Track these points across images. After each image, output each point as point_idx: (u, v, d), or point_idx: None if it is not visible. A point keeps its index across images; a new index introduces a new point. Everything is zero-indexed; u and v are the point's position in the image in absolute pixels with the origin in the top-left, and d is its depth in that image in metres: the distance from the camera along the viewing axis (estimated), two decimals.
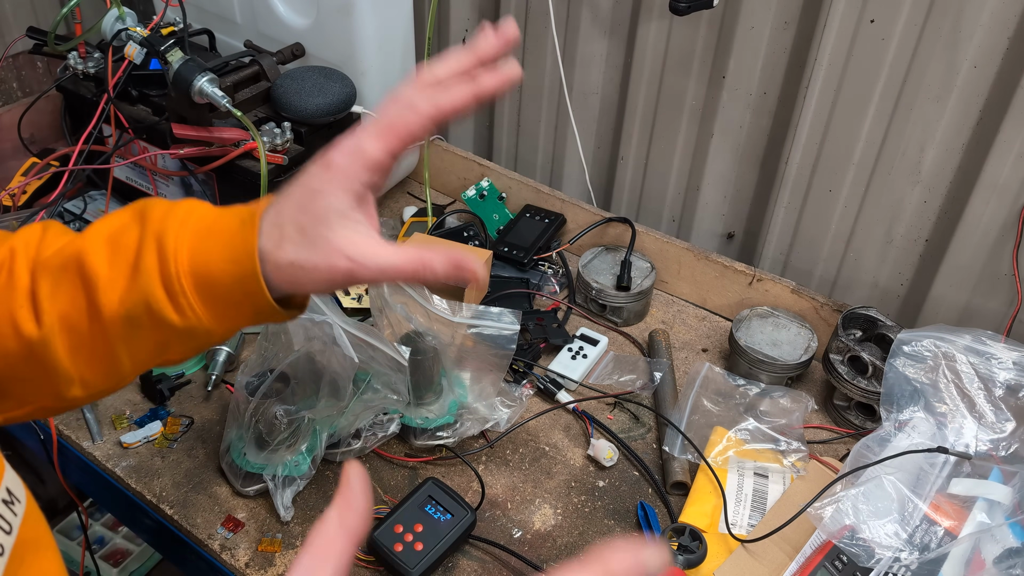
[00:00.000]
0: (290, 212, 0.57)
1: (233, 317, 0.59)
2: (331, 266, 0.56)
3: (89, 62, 1.20)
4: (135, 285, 0.56)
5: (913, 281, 1.13)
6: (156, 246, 0.56)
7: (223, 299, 0.57)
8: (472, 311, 0.95)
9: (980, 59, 0.95)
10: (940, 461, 0.88)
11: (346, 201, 0.57)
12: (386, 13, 1.20)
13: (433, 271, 0.57)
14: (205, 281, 0.56)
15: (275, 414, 0.87)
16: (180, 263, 0.56)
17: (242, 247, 0.56)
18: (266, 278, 0.56)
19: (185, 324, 0.57)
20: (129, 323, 0.57)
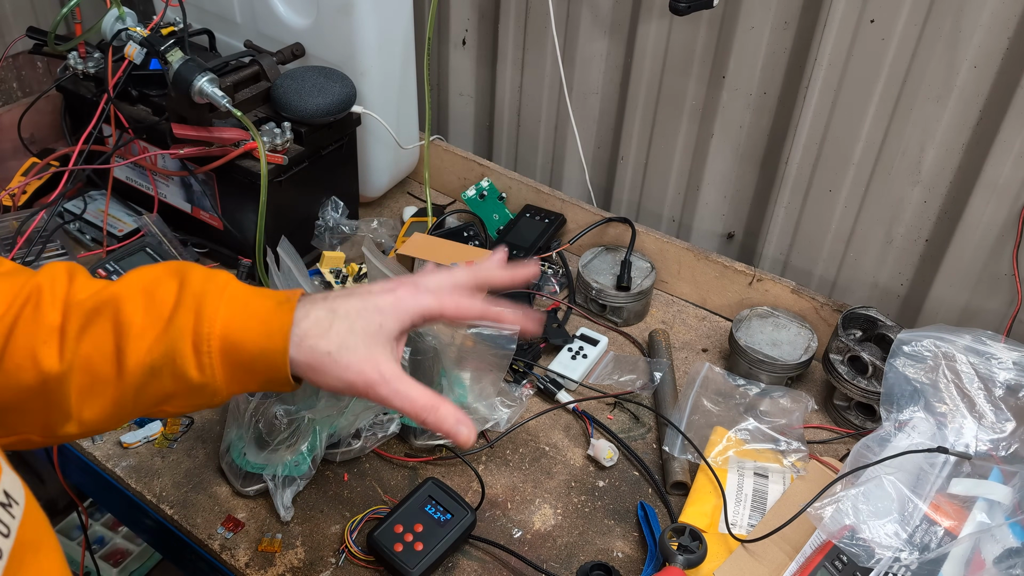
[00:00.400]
0: (346, 312, 0.64)
1: (243, 383, 0.64)
2: (361, 371, 0.63)
3: (89, 62, 1.20)
4: (165, 338, 0.61)
5: (913, 281, 1.13)
6: (195, 307, 0.62)
7: (244, 365, 0.62)
8: None
9: (980, 59, 0.95)
10: (940, 461, 0.88)
11: (396, 330, 0.66)
12: (386, 13, 1.20)
13: (435, 416, 0.64)
14: (233, 347, 0.62)
15: (275, 414, 0.87)
16: (214, 326, 0.61)
17: (277, 326, 0.62)
18: (293, 358, 0.62)
19: (201, 381, 0.62)
20: (151, 372, 0.61)
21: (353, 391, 0.64)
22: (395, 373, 0.64)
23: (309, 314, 0.63)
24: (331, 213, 1.22)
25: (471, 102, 1.45)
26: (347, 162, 1.25)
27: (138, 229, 1.21)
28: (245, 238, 1.15)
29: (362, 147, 1.28)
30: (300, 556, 0.87)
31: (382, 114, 1.23)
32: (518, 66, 1.34)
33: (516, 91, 1.37)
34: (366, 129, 1.26)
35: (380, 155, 1.30)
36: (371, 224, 1.26)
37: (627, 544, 0.90)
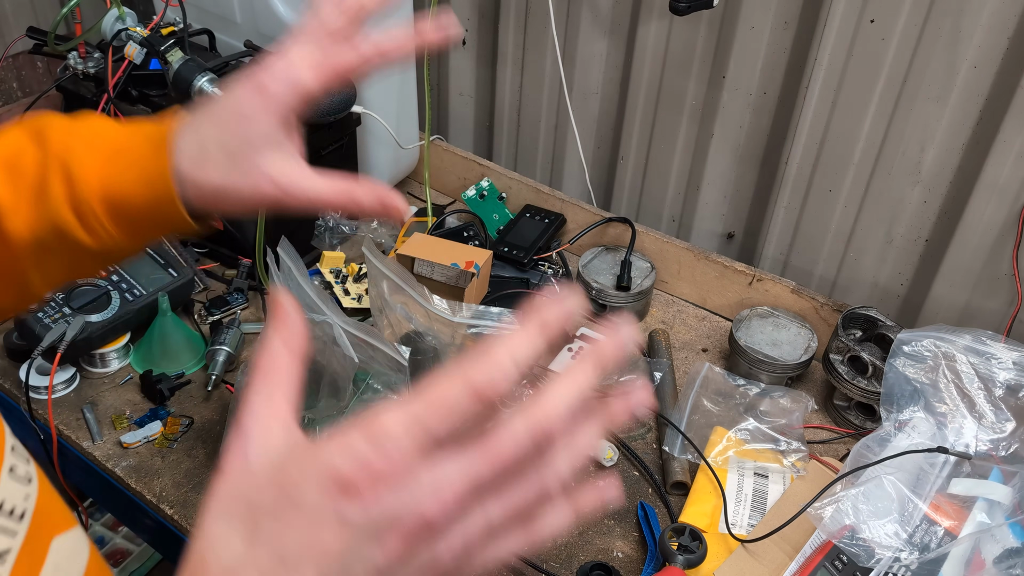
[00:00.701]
0: (215, 134, 0.56)
1: (148, 233, 0.58)
2: (256, 191, 0.56)
3: (89, 62, 1.20)
4: (42, 211, 0.55)
5: (913, 281, 1.13)
6: (62, 171, 0.55)
7: (137, 220, 0.56)
8: (472, 311, 0.95)
9: (980, 59, 0.95)
10: (940, 461, 0.88)
11: (275, 127, 0.56)
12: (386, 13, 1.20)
13: (359, 206, 0.57)
14: (118, 204, 0.56)
15: None
16: (90, 187, 0.55)
17: (155, 170, 0.55)
18: (184, 198, 0.56)
19: (99, 245, 0.56)
20: (40, 248, 0.56)
21: (262, 211, 0.59)
22: (292, 179, 0.57)
23: (182, 150, 0.56)
24: (331, 213, 1.22)
25: (471, 102, 1.45)
26: (347, 162, 1.25)
27: None
28: (245, 238, 1.15)
29: (362, 147, 1.28)
30: None
31: (382, 114, 1.23)
32: (518, 66, 1.34)
33: (516, 91, 1.37)
34: (366, 129, 1.26)
35: (380, 155, 1.30)
36: (371, 224, 1.26)
37: (627, 544, 0.90)
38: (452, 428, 0.35)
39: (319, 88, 0.56)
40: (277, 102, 0.56)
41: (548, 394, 0.37)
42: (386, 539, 0.35)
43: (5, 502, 0.45)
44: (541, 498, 0.37)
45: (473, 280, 1.11)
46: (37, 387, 0.99)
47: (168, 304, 1.04)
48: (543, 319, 0.37)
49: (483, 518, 0.36)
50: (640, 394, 0.38)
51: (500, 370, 0.36)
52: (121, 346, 1.05)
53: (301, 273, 0.86)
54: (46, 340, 0.96)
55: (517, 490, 0.37)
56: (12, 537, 0.45)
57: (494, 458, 0.36)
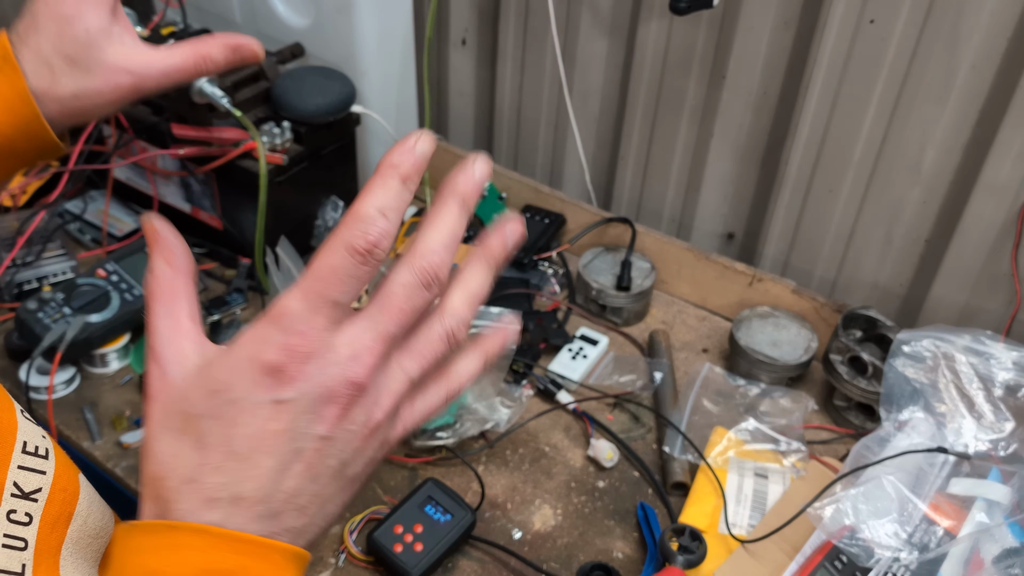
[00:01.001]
0: (50, 45, 0.56)
1: (12, 165, 0.58)
2: (115, 86, 0.56)
3: None
4: None
5: (913, 281, 1.13)
6: None
7: (4, 149, 0.56)
8: None
9: (980, 60, 0.95)
10: (940, 461, 0.88)
11: (104, 18, 0.56)
12: (386, 13, 1.20)
13: (213, 60, 0.58)
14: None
15: None
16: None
17: (13, 94, 0.54)
18: (46, 115, 0.55)
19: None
20: None
21: (127, 103, 0.58)
22: (142, 61, 0.57)
23: (26, 70, 0.55)
24: (331, 213, 1.22)
25: (471, 102, 1.45)
26: (347, 162, 1.25)
27: (138, 229, 1.21)
28: (245, 238, 1.15)
29: (362, 147, 1.28)
30: None
31: (382, 114, 1.23)
32: (518, 66, 1.34)
33: (516, 91, 1.37)
34: (366, 129, 1.26)
35: (380, 155, 1.30)
36: None
37: (627, 544, 0.90)
38: (345, 291, 0.39)
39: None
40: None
41: (422, 237, 0.40)
42: (322, 410, 0.37)
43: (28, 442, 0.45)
44: (449, 345, 0.40)
45: None
46: (37, 387, 0.99)
47: None
48: (393, 163, 0.39)
49: (402, 374, 0.40)
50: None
51: (368, 221, 0.38)
52: (121, 346, 1.05)
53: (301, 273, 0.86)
54: (46, 340, 0.96)
55: (425, 340, 0.40)
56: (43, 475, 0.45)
57: (393, 309, 0.39)
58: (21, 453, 0.45)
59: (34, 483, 0.44)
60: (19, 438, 0.45)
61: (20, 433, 0.46)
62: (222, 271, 1.21)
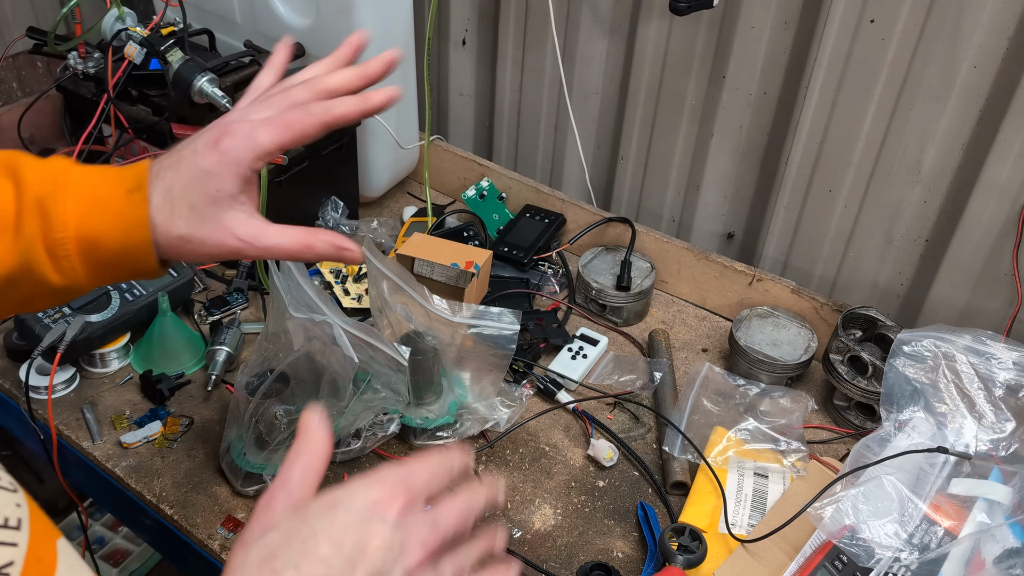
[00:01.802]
0: (180, 189, 0.60)
1: (110, 277, 0.62)
2: (220, 243, 0.61)
3: (89, 62, 1.20)
4: (15, 249, 0.58)
5: (913, 281, 1.13)
6: (39, 211, 0.58)
7: (106, 263, 0.60)
8: (472, 311, 0.95)
9: (980, 59, 0.95)
10: (940, 461, 0.88)
11: (236, 185, 0.61)
12: (386, 13, 1.20)
13: (316, 252, 0.63)
14: (92, 247, 0.59)
15: (275, 414, 0.87)
16: (67, 230, 0.58)
17: (134, 219, 0.59)
18: (155, 246, 0.60)
19: (64, 284, 0.60)
20: (7, 284, 0.59)
21: (224, 259, 0.64)
22: (253, 233, 0.62)
23: (153, 199, 0.60)
24: (331, 213, 1.22)
25: (471, 102, 1.45)
26: (347, 162, 1.25)
27: None
28: None
29: (362, 147, 1.28)
30: None
31: (382, 114, 1.23)
32: (518, 66, 1.34)
33: (516, 91, 1.37)
34: (366, 129, 1.26)
35: (380, 155, 1.30)
36: (371, 224, 1.27)
37: (627, 544, 0.90)
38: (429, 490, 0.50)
39: (276, 149, 0.62)
40: (237, 162, 0.60)
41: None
42: (412, 549, 0.47)
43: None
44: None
45: (473, 280, 1.11)
46: (37, 387, 0.99)
47: (168, 304, 1.04)
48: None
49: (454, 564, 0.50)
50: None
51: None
52: (121, 346, 1.05)
53: (301, 273, 0.86)
54: (46, 340, 0.96)
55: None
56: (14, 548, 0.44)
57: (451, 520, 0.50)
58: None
59: (5, 557, 0.43)
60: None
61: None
62: (222, 270, 1.21)
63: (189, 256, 0.62)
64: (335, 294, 1.16)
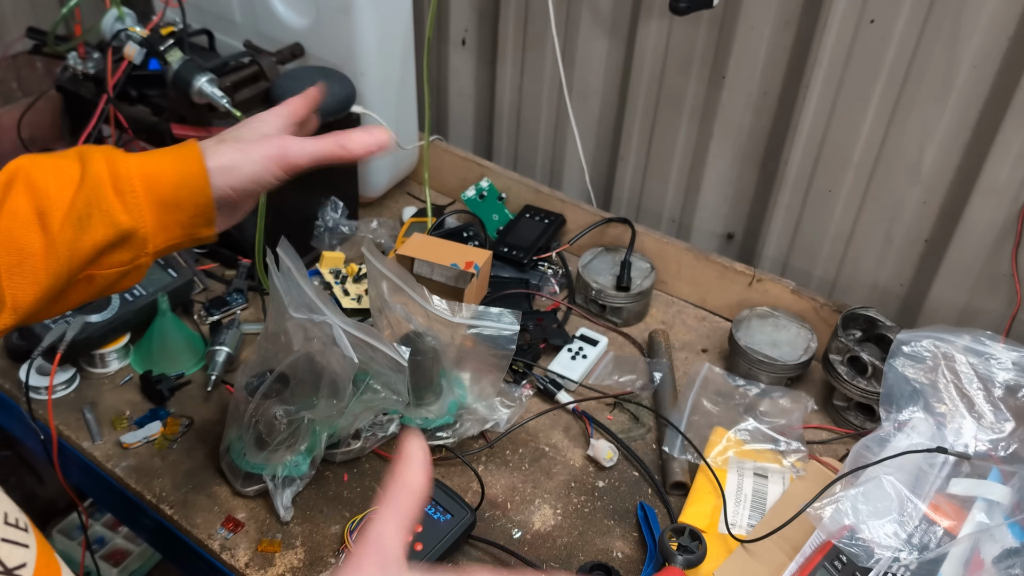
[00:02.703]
0: (233, 133, 0.71)
1: (171, 227, 0.67)
2: (263, 155, 0.69)
3: (89, 62, 1.20)
4: (85, 188, 0.64)
5: (913, 281, 1.13)
6: (105, 160, 0.65)
7: (169, 201, 0.66)
8: (472, 311, 0.95)
9: (980, 59, 0.95)
10: (939, 461, 0.88)
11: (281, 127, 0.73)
12: (386, 13, 1.20)
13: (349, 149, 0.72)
14: (155, 182, 0.65)
15: (275, 414, 0.87)
16: (131, 168, 0.65)
17: (188, 152, 0.67)
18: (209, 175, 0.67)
19: (131, 225, 0.64)
20: (78, 225, 0.63)
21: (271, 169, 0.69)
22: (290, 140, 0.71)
23: (206, 144, 0.69)
24: (331, 213, 1.22)
25: (471, 102, 1.45)
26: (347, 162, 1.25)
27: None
28: (245, 238, 1.15)
29: None
30: (300, 556, 0.87)
31: (382, 114, 1.23)
32: (518, 66, 1.34)
33: (516, 91, 1.37)
34: None
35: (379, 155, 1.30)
36: (371, 224, 1.27)
37: (627, 544, 0.90)
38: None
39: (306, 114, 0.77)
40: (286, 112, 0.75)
41: None
42: None
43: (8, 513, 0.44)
44: None
45: (473, 280, 1.11)
46: (37, 387, 0.99)
47: (168, 304, 1.04)
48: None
49: None
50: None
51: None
52: (121, 346, 1.05)
53: (301, 273, 0.86)
54: (46, 340, 0.96)
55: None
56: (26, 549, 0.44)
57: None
58: (4, 524, 0.43)
59: (18, 558, 0.43)
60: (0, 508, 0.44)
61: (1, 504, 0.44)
62: (222, 271, 1.21)
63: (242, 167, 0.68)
64: (335, 294, 1.16)
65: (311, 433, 0.90)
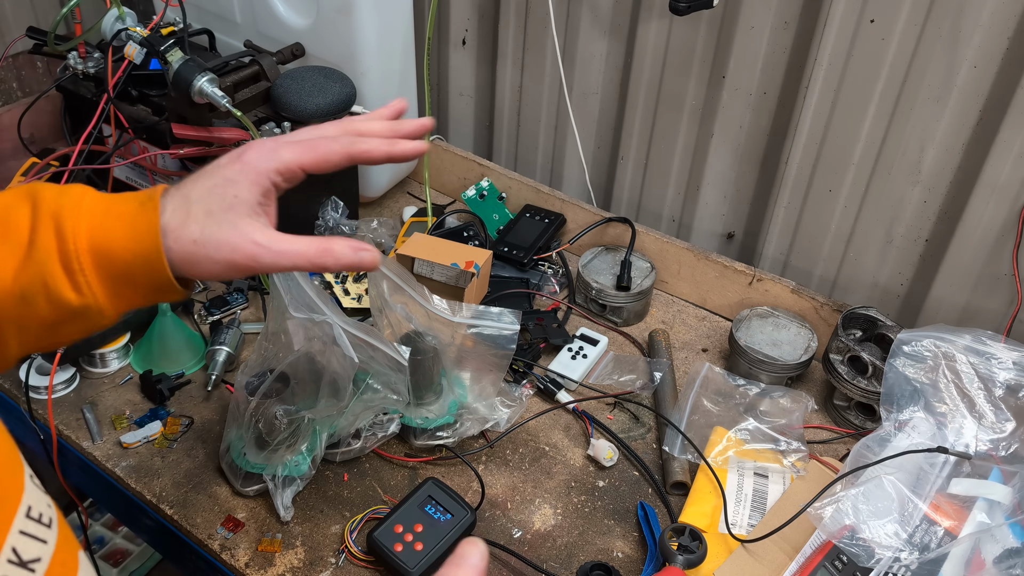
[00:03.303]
0: (198, 195, 0.61)
1: (128, 296, 0.61)
2: (235, 247, 0.60)
3: (89, 62, 1.20)
4: (30, 263, 0.58)
5: (913, 281, 1.13)
6: (53, 225, 0.58)
7: (122, 276, 0.59)
8: (472, 311, 0.95)
9: (980, 59, 0.95)
10: (940, 461, 0.88)
11: (254, 195, 0.62)
12: (386, 13, 1.20)
13: (334, 255, 0.61)
14: (105, 259, 0.58)
15: (275, 414, 0.87)
16: (79, 241, 0.58)
17: (144, 226, 0.59)
18: (167, 254, 0.59)
19: (81, 303, 0.58)
20: (23, 301, 0.58)
21: (239, 271, 0.61)
22: (270, 237, 0.61)
23: (167, 207, 0.60)
24: (331, 213, 1.22)
25: (471, 102, 1.45)
26: None
27: None
28: None
29: None
30: (300, 556, 0.87)
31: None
32: (518, 66, 1.34)
33: (516, 91, 1.37)
34: None
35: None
36: (371, 224, 1.26)
37: (627, 544, 0.90)
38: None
39: (296, 166, 0.62)
40: (256, 171, 0.62)
41: None
42: None
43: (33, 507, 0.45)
44: None
45: (473, 280, 1.11)
46: (37, 387, 0.99)
47: (168, 304, 1.04)
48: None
49: None
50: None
51: None
52: (121, 346, 1.05)
53: (301, 273, 0.86)
54: None
55: None
56: (44, 544, 0.45)
57: None
58: (25, 518, 0.44)
59: (33, 551, 0.43)
60: (24, 502, 0.45)
61: (26, 497, 0.45)
62: None
63: (203, 264, 0.60)
64: (335, 294, 1.16)
65: (311, 433, 0.90)
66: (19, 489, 0.45)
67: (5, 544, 0.42)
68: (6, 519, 0.43)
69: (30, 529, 0.44)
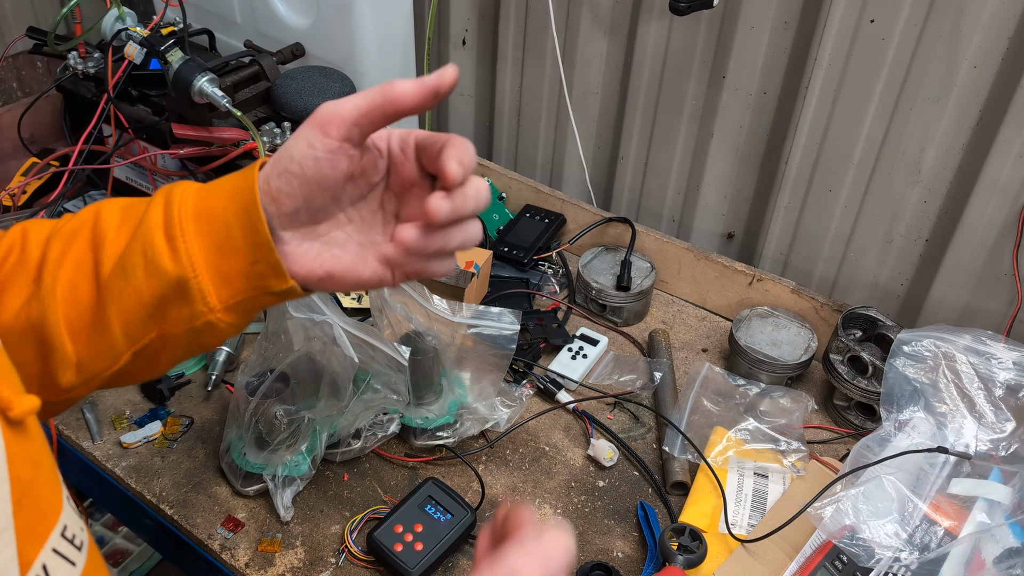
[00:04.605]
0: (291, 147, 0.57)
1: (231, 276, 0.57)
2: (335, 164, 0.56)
3: (89, 62, 1.20)
4: (136, 236, 0.56)
5: (913, 281, 1.13)
6: (163, 201, 0.57)
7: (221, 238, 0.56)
8: (472, 311, 0.95)
9: (980, 59, 0.95)
10: (940, 461, 0.88)
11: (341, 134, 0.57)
12: (386, 13, 1.20)
13: (402, 90, 0.56)
14: (206, 221, 0.56)
15: (275, 414, 0.87)
16: (185, 208, 0.56)
17: (242, 181, 0.57)
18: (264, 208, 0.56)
19: (177, 272, 0.55)
20: (122, 274, 0.56)
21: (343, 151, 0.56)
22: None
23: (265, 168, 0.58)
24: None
25: (471, 102, 1.45)
26: None
27: None
28: None
29: None
30: (300, 556, 0.87)
31: None
32: (518, 66, 1.34)
33: (516, 91, 1.37)
34: None
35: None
36: None
37: (627, 544, 0.90)
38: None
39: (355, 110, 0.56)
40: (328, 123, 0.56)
41: None
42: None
43: (68, 527, 0.45)
44: None
45: (473, 280, 1.11)
46: None
47: None
48: None
49: None
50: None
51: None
52: None
53: None
54: None
55: None
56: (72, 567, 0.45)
57: None
58: (60, 537, 0.44)
59: (63, 573, 0.43)
60: (61, 520, 0.45)
61: (63, 516, 0.45)
62: None
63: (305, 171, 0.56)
64: (335, 294, 1.16)
65: (311, 433, 0.90)
66: (58, 506, 0.45)
67: (37, 560, 0.42)
68: (43, 533, 0.43)
69: (63, 549, 0.44)
